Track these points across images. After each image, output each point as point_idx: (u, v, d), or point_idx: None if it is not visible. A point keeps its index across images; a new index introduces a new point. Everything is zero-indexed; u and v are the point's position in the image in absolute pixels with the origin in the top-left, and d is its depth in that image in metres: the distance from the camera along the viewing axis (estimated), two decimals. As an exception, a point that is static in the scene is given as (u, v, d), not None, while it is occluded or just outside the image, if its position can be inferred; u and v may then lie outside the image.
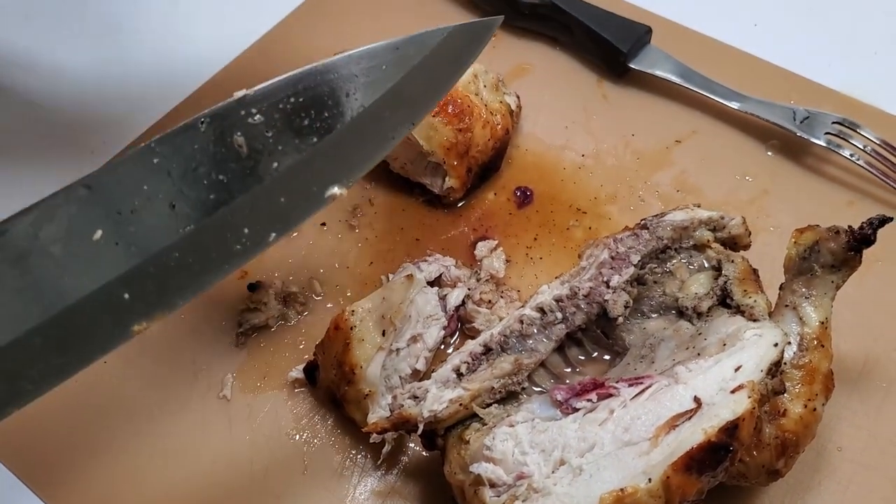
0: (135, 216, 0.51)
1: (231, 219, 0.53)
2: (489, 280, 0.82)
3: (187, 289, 0.53)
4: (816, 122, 0.91)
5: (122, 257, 0.51)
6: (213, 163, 0.53)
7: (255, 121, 0.54)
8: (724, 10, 1.10)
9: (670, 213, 0.72)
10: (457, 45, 0.63)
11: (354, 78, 0.57)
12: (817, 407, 0.64)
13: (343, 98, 0.57)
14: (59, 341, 0.50)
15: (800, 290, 0.67)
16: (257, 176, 0.54)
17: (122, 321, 0.51)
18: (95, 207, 0.51)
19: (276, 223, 0.55)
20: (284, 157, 0.55)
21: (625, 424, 0.57)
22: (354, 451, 0.74)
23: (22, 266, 0.49)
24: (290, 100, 0.55)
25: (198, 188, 0.53)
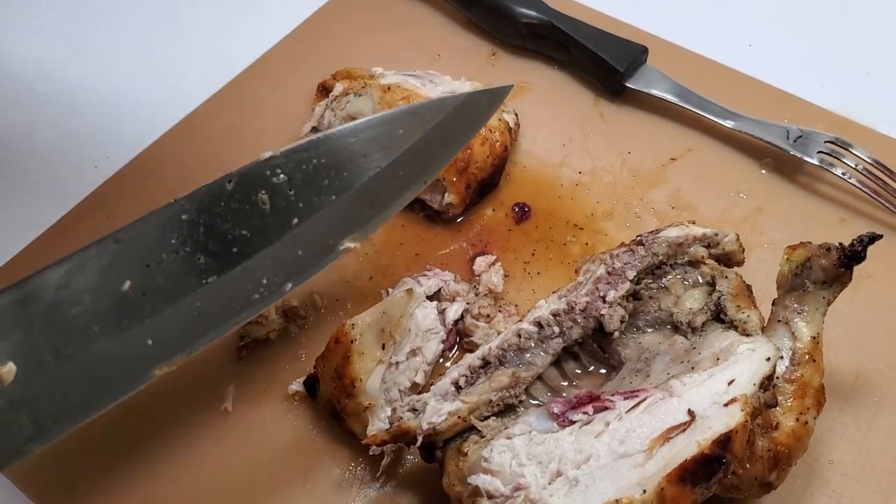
0: (161, 268, 0.54)
1: (251, 270, 0.57)
2: (488, 295, 0.83)
3: (207, 335, 0.57)
4: (809, 141, 0.93)
5: (147, 306, 0.54)
6: (237, 219, 0.57)
7: (279, 180, 0.58)
8: (719, 31, 1.12)
9: (665, 230, 0.73)
10: (470, 110, 0.68)
11: (373, 140, 0.61)
12: (809, 420, 0.65)
13: (361, 159, 0.61)
14: (85, 384, 0.52)
15: (792, 305, 0.68)
16: (278, 231, 0.58)
17: (145, 365, 0.54)
18: (125, 259, 0.54)
19: (293, 274, 0.59)
20: (304, 213, 0.59)
21: (620, 437, 0.58)
22: (354, 463, 0.75)
23: (54, 312, 0.52)
24: (312, 161, 0.59)
25: (222, 242, 0.56)
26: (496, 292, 0.84)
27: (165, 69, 1.11)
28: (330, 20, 1.15)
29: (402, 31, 1.13)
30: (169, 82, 1.09)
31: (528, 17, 1.05)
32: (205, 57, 1.11)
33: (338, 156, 0.60)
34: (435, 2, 1.15)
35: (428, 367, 0.77)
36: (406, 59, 1.02)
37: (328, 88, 0.96)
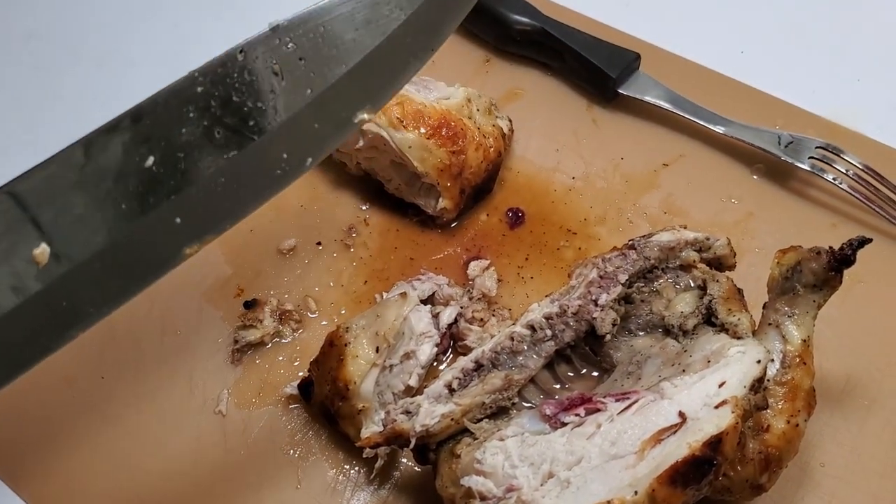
0: (182, 143, 0.54)
1: (270, 145, 0.56)
2: (481, 299, 0.84)
3: (234, 213, 0.56)
4: (801, 147, 0.93)
5: (172, 183, 0.53)
6: (252, 90, 0.55)
7: (289, 49, 0.56)
8: (711, 38, 1.12)
9: (657, 234, 0.74)
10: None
11: (378, 6, 0.59)
12: (800, 423, 0.65)
13: (369, 26, 0.59)
14: (117, 265, 0.52)
15: (782, 308, 0.69)
16: (293, 103, 0.56)
17: (174, 244, 0.54)
18: (145, 136, 0.53)
19: (312, 148, 0.58)
20: (317, 84, 0.57)
21: (612, 438, 0.59)
22: (348, 465, 0.75)
23: (80, 192, 0.51)
24: (319, 29, 0.57)
25: (239, 115, 0.55)
26: (489, 296, 0.84)
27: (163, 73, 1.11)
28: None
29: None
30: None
31: (522, 23, 1.05)
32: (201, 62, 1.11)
33: (343, 25, 0.58)
34: (429, 8, 1.16)
35: (422, 371, 0.77)
36: (400, 65, 1.02)
37: (323, 94, 0.97)
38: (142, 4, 1.22)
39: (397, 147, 0.86)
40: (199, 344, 0.84)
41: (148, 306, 0.86)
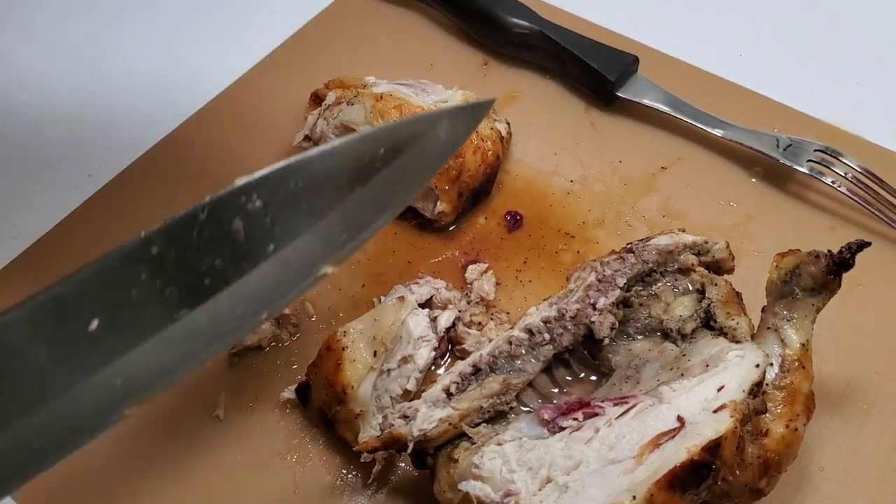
0: (130, 305, 0.52)
1: (224, 302, 0.54)
2: (479, 302, 0.83)
3: (179, 369, 0.54)
4: (799, 150, 0.93)
5: (116, 346, 0.52)
6: (211, 248, 0.54)
7: (255, 206, 0.55)
8: (709, 41, 1.12)
9: (656, 238, 0.74)
10: (450, 127, 0.64)
11: (352, 161, 0.58)
12: (799, 427, 0.65)
13: (340, 181, 0.58)
14: (52, 430, 0.50)
15: (781, 312, 0.69)
16: (253, 259, 0.55)
17: (114, 405, 0.52)
18: (93, 296, 0.52)
19: (268, 303, 0.56)
20: (280, 239, 0.56)
21: (610, 443, 0.59)
22: (345, 470, 0.75)
23: (17, 357, 0.49)
24: (290, 185, 0.56)
25: (194, 273, 0.53)
26: (488, 300, 0.84)
27: (159, 78, 1.11)
28: (322, 30, 1.15)
29: (394, 40, 1.14)
30: (163, 91, 1.09)
31: (520, 26, 1.05)
32: (198, 66, 1.12)
33: (316, 179, 0.57)
34: (427, 12, 1.16)
35: (419, 375, 0.77)
36: (398, 69, 1.02)
37: (321, 97, 0.97)
38: (141, 4, 1.22)
39: (395, 150, 0.85)
40: (196, 348, 0.83)
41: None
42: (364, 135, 0.59)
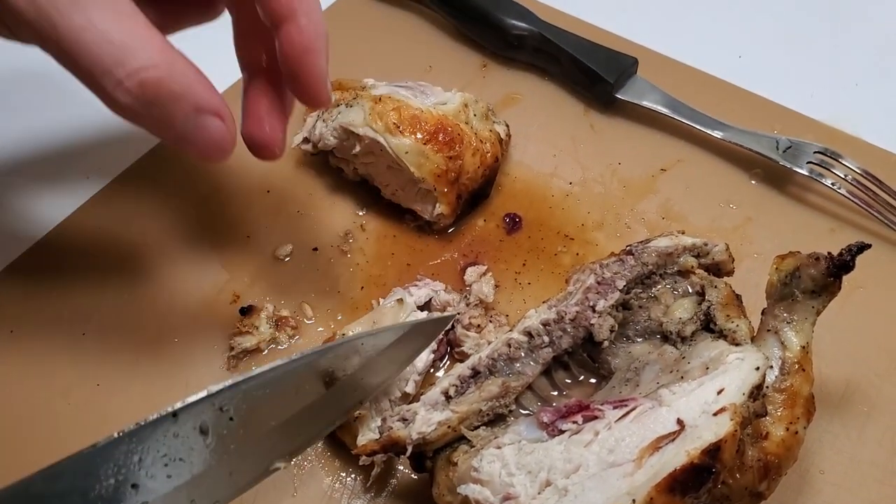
0: (101, 498, 0.55)
1: (181, 494, 0.58)
2: (478, 305, 0.83)
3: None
4: (799, 152, 0.93)
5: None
6: (175, 448, 0.58)
7: (222, 410, 0.59)
8: (709, 43, 1.12)
9: (655, 240, 0.73)
10: (412, 339, 0.70)
11: (317, 368, 0.64)
12: (799, 430, 0.65)
13: (303, 387, 0.63)
14: None
15: (781, 315, 0.68)
16: (214, 457, 0.59)
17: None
18: (69, 491, 0.54)
19: (223, 494, 0.61)
20: (241, 440, 0.60)
21: (609, 446, 0.58)
22: (344, 473, 0.75)
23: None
24: (256, 391, 0.60)
25: (157, 470, 0.57)
26: (487, 302, 0.84)
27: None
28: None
29: (393, 42, 1.14)
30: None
31: (519, 28, 1.05)
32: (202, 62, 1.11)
33: (282, 384, 0.62)
34: (426, 14, 1.16)
35: (418, 378, 0.76)
36: (397, 71, 1.02)
37: (319, 99, 0.96)
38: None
39: (394, 152, 0.85)
40: (195, 351, 0.83)
41: (144, 314, 0.85)
42: (330, 345, 0.64)
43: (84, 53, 0.58)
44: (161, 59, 0.60)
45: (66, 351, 0.83)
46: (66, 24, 0.58)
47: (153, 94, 0.59)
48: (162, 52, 0.60)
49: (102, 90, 0.60)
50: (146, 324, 0.85)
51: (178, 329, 0.85)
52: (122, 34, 0.58)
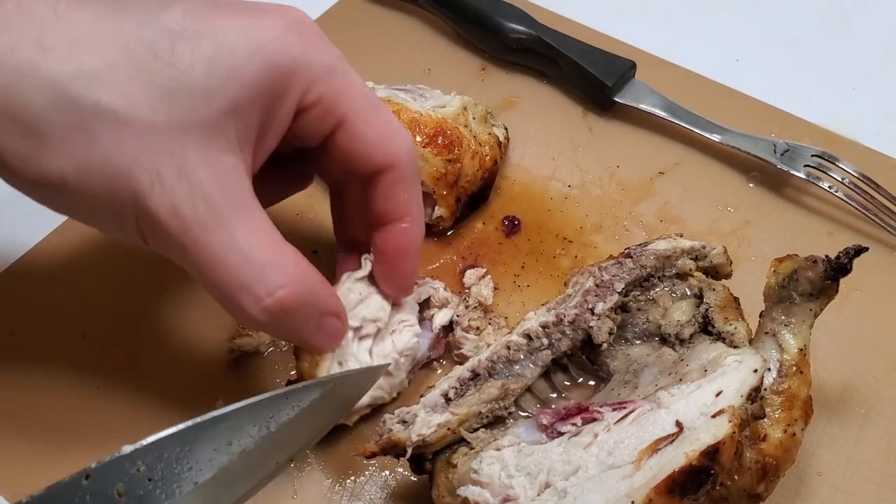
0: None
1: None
2: (477, 307, 0.83)
3: None
4: (796, 155, 0.93)
5: None
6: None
7: (139, 472, 0.56)
8: (706, 46, 1.13)
9: (654, 243, 0.74)
10: (344, 391, 0.68)
11: (244, 422, 0.60)
12: (797, 432, 0.65)
13: (226, 445, 0.59)
14: None
15: (779, 317, 0.69)
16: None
17: None
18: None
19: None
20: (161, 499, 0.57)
21: (608, 448, 0.59)
22: (343, 475, 0.75)
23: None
24: (175, 449, 0.57)
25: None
26: (486, 305, 0.84)
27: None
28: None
29: (391, 46, 1.14)
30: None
31: (517, 32, 1.05)
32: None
33: (202, 442, 0.59)
34: (424, 17, 1.16)
35: (398, 357, 0.75)
36: (396, 74, 1.02)
37: (319, 102, 0.97)
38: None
39: (393, 155, 0.85)
40: (194, 353, 0.83)
41: (144, 316, 0.86)
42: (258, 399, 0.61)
43: (224, 272, 0.60)
44: (296, 275, 0.62)
45: (66, 353, 0.83)
46: (210, 241, 0.59)
47: (290, 308, 0.62)
48: (296, 267, 0.63)
49: (238, 307, 0.61)
50: (146, 325, 0.85)
51: (178, 330, 0.85)
52: (263, 253, 0.61)
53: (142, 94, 0.57)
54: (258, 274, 0.60)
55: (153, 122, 0.57)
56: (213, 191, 0.59)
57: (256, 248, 0.60)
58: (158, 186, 0.57)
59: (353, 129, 0.67)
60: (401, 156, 0.68)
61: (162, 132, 0.57)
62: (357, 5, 1.19)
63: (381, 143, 0.68)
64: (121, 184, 0.58)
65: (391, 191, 0.69)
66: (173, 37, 0.59)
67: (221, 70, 0.59)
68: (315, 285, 0.65)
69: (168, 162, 0.58)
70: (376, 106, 0.68)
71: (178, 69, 0.58)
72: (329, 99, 0.65)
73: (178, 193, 0.58)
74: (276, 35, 0.62)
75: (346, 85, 0.66)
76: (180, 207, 0.58)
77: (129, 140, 0.57)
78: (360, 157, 0.68)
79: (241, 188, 0.61)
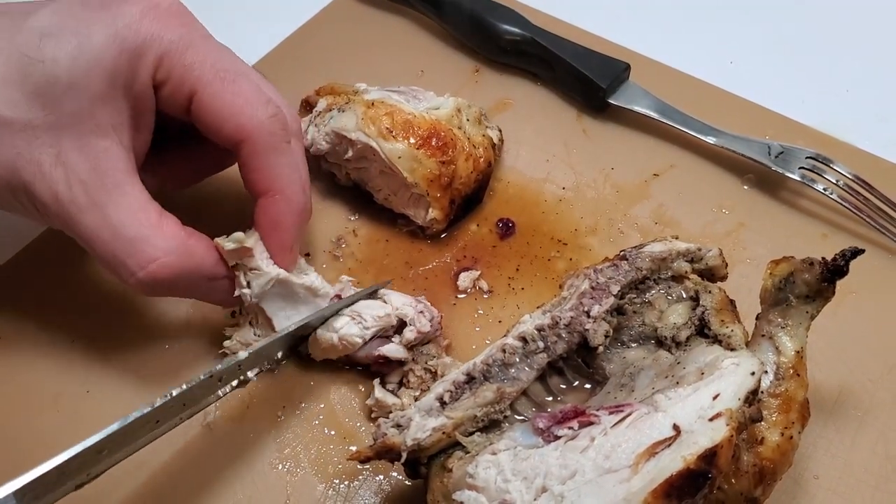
0: None
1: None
2: (427, 371, 0.80)
3: None
4: (791, 157, 0.93)
5: None
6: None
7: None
8: (701, 48, 1.13)
9: (649, 245, 0.73)
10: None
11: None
12: (794, 435, 0.65)
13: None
14: None
15: (775, 320, 0.68)
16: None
17: None
18: None
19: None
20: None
21: (605, 452, 0.58)
22: (337, 480, 0.74)
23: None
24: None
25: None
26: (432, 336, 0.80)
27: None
28: (312, 37, 1.15)
29: (384, 47, 1.13)
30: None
31: (511, 33, 1.05)
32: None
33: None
34: (417, 18, 1.16)
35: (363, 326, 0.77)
36: (389, 75, 1.02)
37: (311, 104, 0.96)
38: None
39: (387, 157, 0.85)
40: (186, 357, 0.82)
41: (134, 319, 0.85)
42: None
43: (100, 248, 0.68)
44: (171, 247, 0.68)
45: (56, 358, 0.82)
46: (84, 220, 0.67)
47: (166, 279, 0.69)
48: (172, 239, 0.69)
49: (120, 278, 0.69)
50: (136, 330, 0.84)
51: (169, 335, 0.84)
52: (135, 228, 0.67)
53: (19, 95, 0.65)
54: (130, 249, 0.67)
55: (30, 119, 0.65)
56: (86, 173, 0.66)
57: (128, 225, 0.67)
58: (40, 175, 0.66)
59: (201, 102, 0.71)
60: (251, 128, 0.71)
61: (38, 127, 0.65)
62: (350, 7, 1.19)
63: (230, 116, 0.71)
64: (12, 176, 0.66)
65: (250, 164, 0.72)
66: (42, 35, 0.65)
67: (83, 62, 0.65)
68: (195, 254, 0.70)
69: (47, 152, 0.65)
70: (229, 79, 0.71)
71: (46, 65, 0.65)
72: (178, 73, 0.70)
73: (57, 179, 0.66)
74: (131, 21, 0.67)
75: (197, 59, 0.70)
76: (59, 191, 0.66)
77: (12, 139, 0.65)
78: (213, 129, 0.72)
79: (115, 168, 0.67)
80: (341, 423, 0.78)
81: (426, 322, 0.79)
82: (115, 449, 0.62)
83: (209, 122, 0.71)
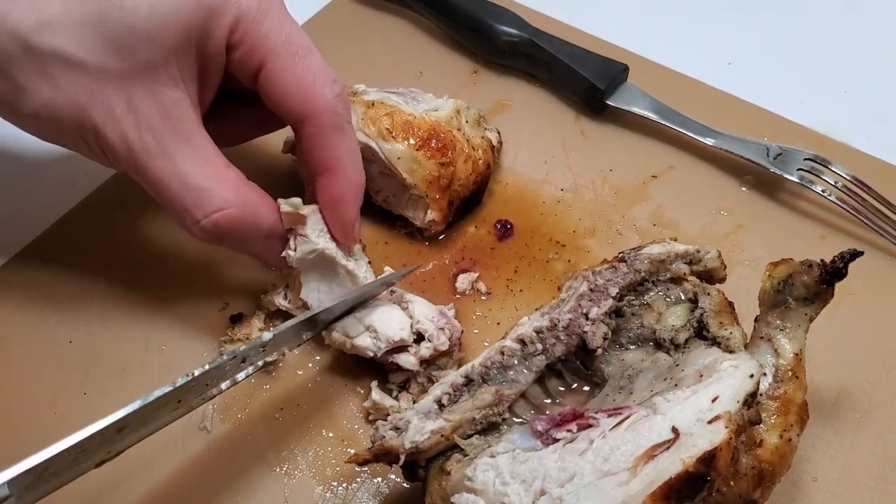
0: None
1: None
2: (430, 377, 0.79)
3: None
4: (789, 159, 0.93)
5: None
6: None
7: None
8: (699, 50, 1.13)
9: (647, 247, 0.73)
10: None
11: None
12: (793, 437, 0.65)
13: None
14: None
15: (774, 322, 0.68)
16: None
17: None
18: None
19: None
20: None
21: (604, 454, 0.58)
22: (335, 482, 0.74)
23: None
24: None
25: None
26: (440, 350, 0.79)
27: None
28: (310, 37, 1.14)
29: (382, 48, 1.13)
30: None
31: (510, 34, 1.05)
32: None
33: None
34: (416, 20, 1.16)
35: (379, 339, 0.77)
36: (387, 76, 1.02)
37: (310, 105, 0.96)
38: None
39: (386, 158, 0.85)
40: (183, 359, 0.82)
41: (132, 321, 0.85)
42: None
43: (167, 194, 0.69)
44: (235, 199, 0.70)
45: (53, 359, 0.82)
46: (153, 166, 0.68)
47: (227, 229, 0.70)
48: (236, 192, 0.70)
49: (181, 225, 0.71)
50: (134, 331, 0.84)
51: (167, 337, 0.84)
52: (202, 179, 0.69)
53: (94, 39, 0.65)
54: (196, 198, 0.68)
55: (105, 64, 0.65)
56: (158, 121, 0.67)
57: (196, 175, 0.68)
58: (111, 119, 0.66)
59: (271, 74, 0.71)
60: (318, 106, 0.71)
61: (112, 73, 0.65)
62: (348, 8, 1.19)
63: (297, 92, 0.71)
64: (82, 118, 0.67)
65: (313, 142, 0.73)
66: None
67: (160, 13, 0.66)
68: (258, 209, 0.72)
69: (119, 97, 0.66)
70: (301, 55, 0.72)
71: (124, 11, 0.65)
72: (252, 40, 0.70)
73: (127, 124, 0.67)
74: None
75: (272, 29, 0.71)
76: (129, 136, 0.67)
77: (85, 81, 0.65)
78: (278, 103, 0.72)
79: (185, 119, 0.68)
80: (339, 425, 0.78)
81: (445, 340, 0.78)
82: (135, 427, 0.62)
83: (276, 94, 0.72)
